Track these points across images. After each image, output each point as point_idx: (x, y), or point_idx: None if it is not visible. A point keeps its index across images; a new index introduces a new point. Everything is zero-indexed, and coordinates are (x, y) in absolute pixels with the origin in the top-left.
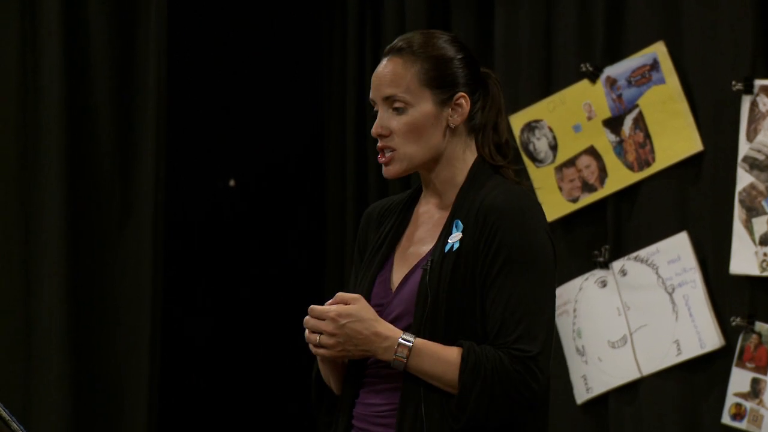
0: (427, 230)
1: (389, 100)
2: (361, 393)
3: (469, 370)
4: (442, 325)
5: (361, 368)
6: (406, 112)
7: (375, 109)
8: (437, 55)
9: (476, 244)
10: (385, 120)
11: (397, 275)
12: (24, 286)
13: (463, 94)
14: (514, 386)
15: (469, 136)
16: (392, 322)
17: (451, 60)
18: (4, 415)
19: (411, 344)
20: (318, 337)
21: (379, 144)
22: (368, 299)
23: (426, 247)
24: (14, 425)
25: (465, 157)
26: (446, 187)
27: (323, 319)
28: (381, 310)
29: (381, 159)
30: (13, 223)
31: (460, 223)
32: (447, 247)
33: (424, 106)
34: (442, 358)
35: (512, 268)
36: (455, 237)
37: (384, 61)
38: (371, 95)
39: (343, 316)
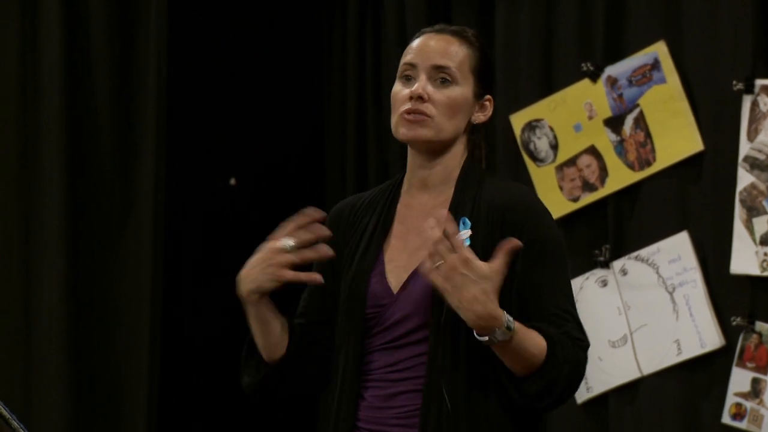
0: (421, 227)
1: (439, 69)
2: (367, 397)
3: (555, 355)
4: (461, 327)
5: (363, 373)
6: (451, 86)
7: (406, 73)
8: (487, 51)
9: (492, 243)
10: (427, 86)
11: (395, 276)
12: (24, 285)
13: (491, 97)
14: (579, 373)
15: (467, 136)
16: (398, 322)
17: (492, 62)
18: (4, 413)
19: (513, 322)
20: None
21: (412, 105)
22: (365, 300)
23: (426, 245)
24: (14, 423)
25: (463, 154)
26: (440, 179)
27: (451, 252)
28: (383, 311)
29: (412, 117)
30: (13, 222)
31: (467, 220)
32: None
33: (467, 89)
34: (534, 339)
35: (548, 259)
36: (464, 234)
37: (434, 36)
38: (412, 59)
39: (474, 269)
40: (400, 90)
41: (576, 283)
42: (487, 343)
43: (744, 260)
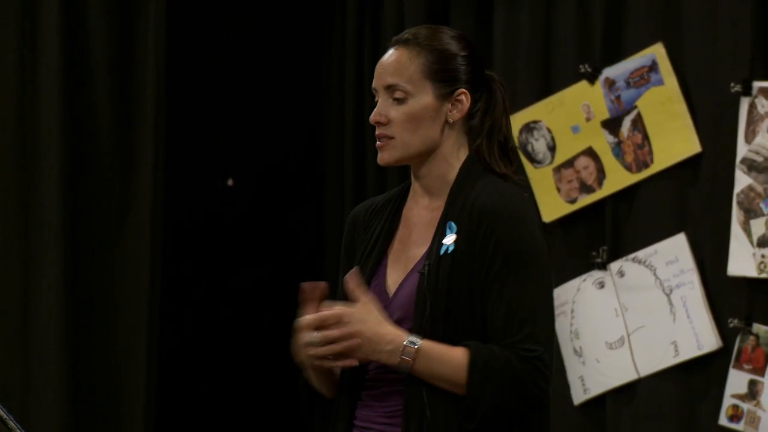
0: (419, 232)
1: (390, 89)
2: (363, 396)
3: (478, 371)
4: (442, 329)
5: (361, 372)
6: (405, 102)
7: (376, 99)
8: (442, 48)
9: (472, 246)
10: (384, 108)
11: (392, 279)
12: (23, 285)
13: (464, 90)
14: (523, 386)
15: (465, 135)
16: (394, 324)
17: (455, 56)
18: (2, 413)
19: (417, 346)
20: (320, 349)
21: (377, 131)
22: None
23: (420, 250)
24: (11, 423)
25: (459, 155)
26: (437, 184)
27: (322, 327)
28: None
29: (379, 144)
30: (12, 222)
31: (453, 225)
32: (442, 250)
33: (425, 97)
34: (450, 359)
35: (512, 269)
36: (449, 239)
37: (389, 51)
38: (374, 83)
39: (345, 317)
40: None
41: (573, 284)
42: (401, 368)
43: (741, 262)
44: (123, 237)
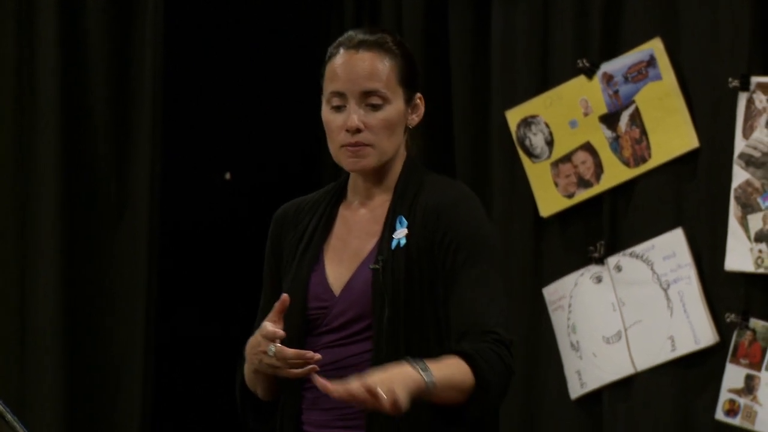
0: (360, 229)
1: (368, 94)
2: (310, 399)
3: (482, 367)
4: (403, 326)
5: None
6: (382, 108)
7: (338, 103)
8: (409, 54)
9: (430, 243)
10: (361, 115)
11: (335, 276)
12: (19, 281)
13: (420, 95)
14: (506, 370)
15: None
16: (344, 325)
17: (415, 61)
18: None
19: (427, 365)
20: (276, 364)
21: (353, 138)
22: (305, 302)
23: (364, 245)
24: (9, 417)
25: (402, 156)
26: (383, 187)
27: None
28: (325, 313)
29: (353, 151)
30: (8, 218)
31: (404, 219)
32: (393, 244)
33: (398, 103)
34: (453, 364)
35: (473, 260)
36: (400, 233)
37: (355, 54)
38: (341, 87)
39: (382, 384)
40: (332, 119)
41: (570, 279)
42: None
43: (738, 257)
44: (119, 233)
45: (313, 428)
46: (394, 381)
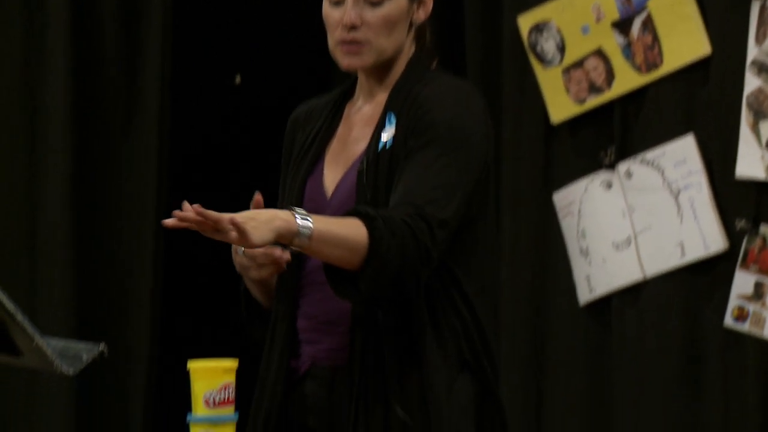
0: (360, 129)
1: None
2: (302, 304)
3: (378, 246)
4: None
5: (296, 279)
6: (382, 5)
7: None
8: None
9: (407, 134)
10: (359, 11)
11: (331, 178)
12: (27, 190)
13: None
14: (415, 247)
15: (410, 34)
16: None
17: None
18: (8, 306)
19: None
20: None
21: (348, 35)
22: (301, 204)
23: (359, 147)
24: (19, 317)
25: (408, 54)
26: (383, 84)
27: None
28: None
29: (350, 48)
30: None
31: (393, 117)
32: (380, 145)
33: (400, 0)
34: (344, 221)
35: (437, 144)
36: (389, 133)
37: None
38: None
39: (243, 217)
40: (331, 14)
41: (581, 185)
42: (295, 249)
43: (749, 164)
44: (130, 139)
45: (303, 333)
46: (257, 217)
